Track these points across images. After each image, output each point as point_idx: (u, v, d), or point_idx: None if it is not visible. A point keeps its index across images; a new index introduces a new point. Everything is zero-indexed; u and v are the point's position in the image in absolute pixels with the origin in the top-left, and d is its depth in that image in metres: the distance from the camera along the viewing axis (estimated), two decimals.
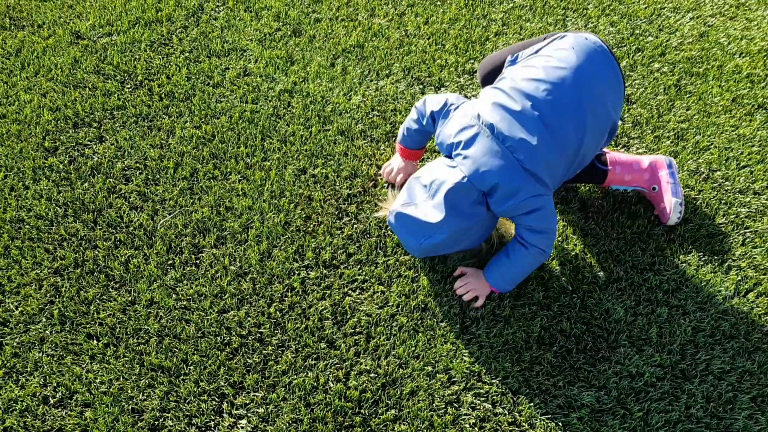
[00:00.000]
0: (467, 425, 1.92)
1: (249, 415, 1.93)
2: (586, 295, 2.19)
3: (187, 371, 2.00)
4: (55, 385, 1.97)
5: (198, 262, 2.25)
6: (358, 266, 2.24)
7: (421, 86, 2.80)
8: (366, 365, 2.02)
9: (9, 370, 2.00)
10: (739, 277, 2.24)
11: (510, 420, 1.94)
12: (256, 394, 1.97)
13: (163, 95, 2.73)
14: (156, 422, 1.91)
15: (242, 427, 1.91)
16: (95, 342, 2.05)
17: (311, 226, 2.34)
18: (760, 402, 1.98)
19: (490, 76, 2.29)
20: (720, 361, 2.05)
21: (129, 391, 1.96)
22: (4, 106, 2.68)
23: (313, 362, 2.03)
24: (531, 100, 1.98)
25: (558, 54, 2.09)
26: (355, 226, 2.34)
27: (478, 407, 1.96)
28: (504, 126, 1.97)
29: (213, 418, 1.92)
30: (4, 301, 2.14)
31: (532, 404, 1.96)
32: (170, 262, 2.24)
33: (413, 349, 2.06)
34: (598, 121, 2.07)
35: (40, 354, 2.03)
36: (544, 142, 1.95)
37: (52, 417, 1.90)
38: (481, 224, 2.08)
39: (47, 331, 2.07)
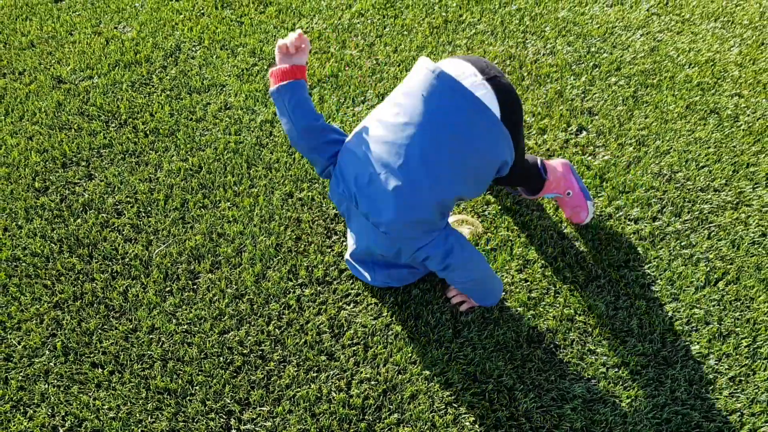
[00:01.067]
0: (467, 423, 2.01)
1: (257, 429, 1.98)
2: (568, 293, 2.31)
3: (193, 392, 2.06)
4: (63, 414, 2.00)
5: (195, 287, 2.31)
6: (351, 281, 2.33)
7: None
8: (366, 374, 2.10)
9: (16, 403, 2.03)
10: (708, 268, 2.39)
11: (507, 415, 2.03)
12: (263, 408, 2.03)
13: (148, 132, 2.82)
14: None
15: None
16: (100, 370, 2.10)
17: (302, 246, 2.43)
18: (739, 381, 2.11)
19: None
20: (698, 346, 2.18)
21: (137, 415, 2.00)
22: None
23: (315, 374, 2.10)
24: (382, 167, 1.90)
25: (407, 105, 1.92)
26: (344, 243, 2.44)
27: (476, 405, 2.05)
28: (364, 202, 1.96)
29: None
30: (6, 337, 2.17)
31: (527, 399, 2.06)
32: (168, 289, 2.30)
33: (410, 355, 2.15)
34: (460, 168, 1.93)
35: (46, 385, 2.06)
36: (401, 210, 1.90)
37: None
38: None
39: (51, 363, 2.11)
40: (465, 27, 3.36)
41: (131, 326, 2.20)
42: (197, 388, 2.06)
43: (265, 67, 3.13)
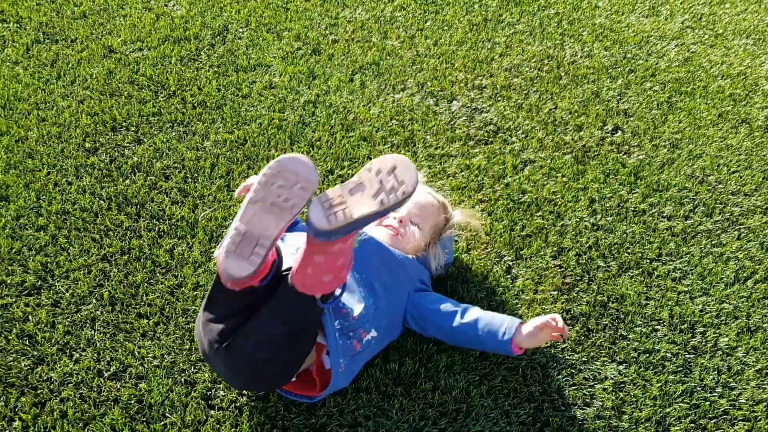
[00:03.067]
0: (501, 395, 2.05)
1: None
2: (601, 282, 2.36)
3: None
4: (109, 359, 2.05)
5: None
6: None
7: (434, 99, 3.02)
8: (402, 342, 2.15)
9: (62, 346, 2.08)
10: (738, 267, 2.44)
11: (540, 390, 2.07)
12: None
13: (195, 104, 2.90)
14: (208, 392, 2.00)
15: None
16: (145, 321, 2.15)
17: None
18: (766, 374, 2.16)
19: None
20: (727, 339, 2.23)
21: (181, 365, 2.05)
22: (44, 110, 2.82)
23: None
24: None
25: None
26: None
27: (510, 379, 2.09)
28: None
29: None
30: (53, 284, 2.23)
31: (560, 377, 2.11)
32: (212, 250, 2.36)
33: None
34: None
35: (93, 332, 2.11)
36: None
37: (107, 389, 1.98)
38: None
39: (98, 312, 2.17)
40: (504, 26, 3.45)
41: (176, 282, 2.26)
42: None
43: (310, 52, 3.21)
